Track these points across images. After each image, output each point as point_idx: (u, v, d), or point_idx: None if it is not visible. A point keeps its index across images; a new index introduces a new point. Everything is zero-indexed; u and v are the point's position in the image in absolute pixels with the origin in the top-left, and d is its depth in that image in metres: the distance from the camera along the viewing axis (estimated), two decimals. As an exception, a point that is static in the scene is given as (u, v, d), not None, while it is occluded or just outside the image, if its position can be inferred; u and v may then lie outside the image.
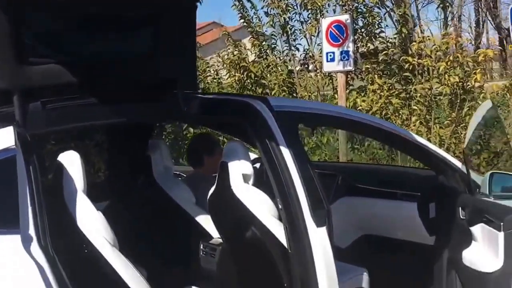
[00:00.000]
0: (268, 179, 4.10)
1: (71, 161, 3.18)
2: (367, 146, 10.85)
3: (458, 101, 9.57)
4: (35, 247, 2.71)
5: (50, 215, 2.86)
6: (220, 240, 4.46)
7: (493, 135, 6.62)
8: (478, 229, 3.95)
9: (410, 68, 10.14)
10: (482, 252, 3.92)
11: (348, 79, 10.84)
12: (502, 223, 3.71)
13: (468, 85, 9.53)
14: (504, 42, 35.89)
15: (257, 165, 5.32)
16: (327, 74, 11.61)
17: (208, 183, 4.52)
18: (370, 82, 10.66)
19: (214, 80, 12.75)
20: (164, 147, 4.94)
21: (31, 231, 2.73)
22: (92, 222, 3.10)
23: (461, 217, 4.15)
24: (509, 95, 9.93)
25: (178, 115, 4.07)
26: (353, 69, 10.28)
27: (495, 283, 3.78)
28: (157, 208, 4.71)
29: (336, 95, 10.87)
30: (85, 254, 3.09)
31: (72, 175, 3.15)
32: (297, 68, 12.60)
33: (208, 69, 13.23)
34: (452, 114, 9.69)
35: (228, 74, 12.43)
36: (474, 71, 9.43)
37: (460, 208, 4.17)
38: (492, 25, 31.52)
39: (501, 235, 3.71)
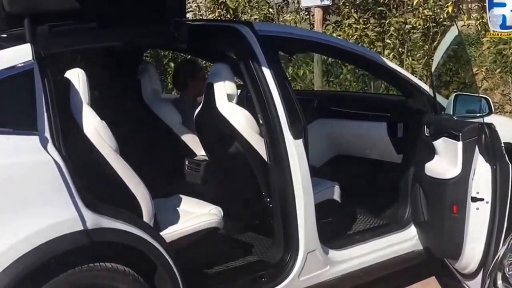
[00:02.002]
0: (246, 104, 4.45)
1: (77, 77, 3.47)
2: (341, 79, 11.09)
3: (431, 33, 9.81)
4: (51, 146, 3.10)
5: (60, 124, 3.21)
6: (204, 157, 4.80)
7: (461, 66, 6.90)
8: (440, 143, 4.31)
9: (385, 2, 10.36)
10: (443, 162, 4.28)
11: (325, 14, 11.01)
12: (461, 134, 4.09)
13: (440, 18, 9.81)
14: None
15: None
16: (304, 9, 11.78)
17: (193, 105, 4.83)
18: (346, 16, 10.87)
19: (196, 16, 12.72)
20: (153, 70, 5.18)
21: (47, 134, 3.12)
22: (96, 130, 3.42)
23: (426, 134, 4.51)
24: (479, 27, 10.11)
25: (169, 41, 4.30)
26: (330, 3, 10.44)
27: (454, 187, 4.14)
28: (146, 127, 5.00)
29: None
30: (90, 157, 3.43)
31: (78, 89, 3.45)
32: (276, 4, 12.68)
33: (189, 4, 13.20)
34: (425, 47, 9.95)
35: (208, 10, 12.43)
36: (446, 5, 9.67)
37: (425, 126, 4.53)
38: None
39: (459, 144, 4.08)
